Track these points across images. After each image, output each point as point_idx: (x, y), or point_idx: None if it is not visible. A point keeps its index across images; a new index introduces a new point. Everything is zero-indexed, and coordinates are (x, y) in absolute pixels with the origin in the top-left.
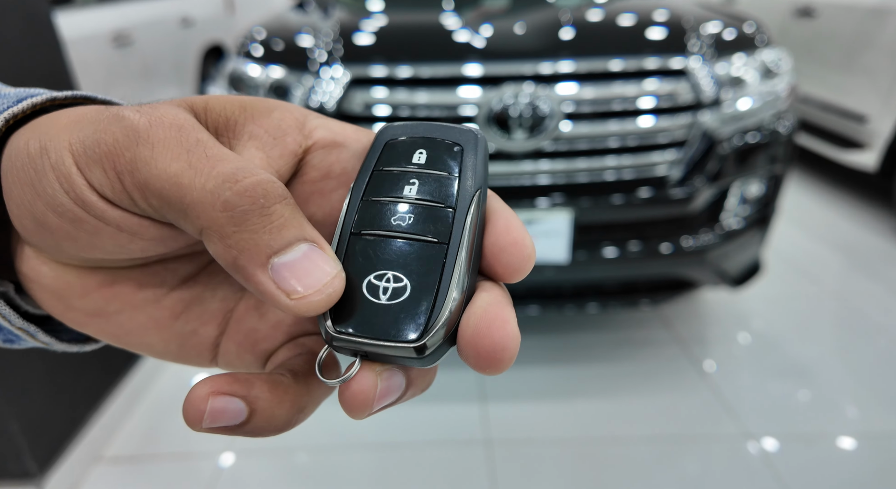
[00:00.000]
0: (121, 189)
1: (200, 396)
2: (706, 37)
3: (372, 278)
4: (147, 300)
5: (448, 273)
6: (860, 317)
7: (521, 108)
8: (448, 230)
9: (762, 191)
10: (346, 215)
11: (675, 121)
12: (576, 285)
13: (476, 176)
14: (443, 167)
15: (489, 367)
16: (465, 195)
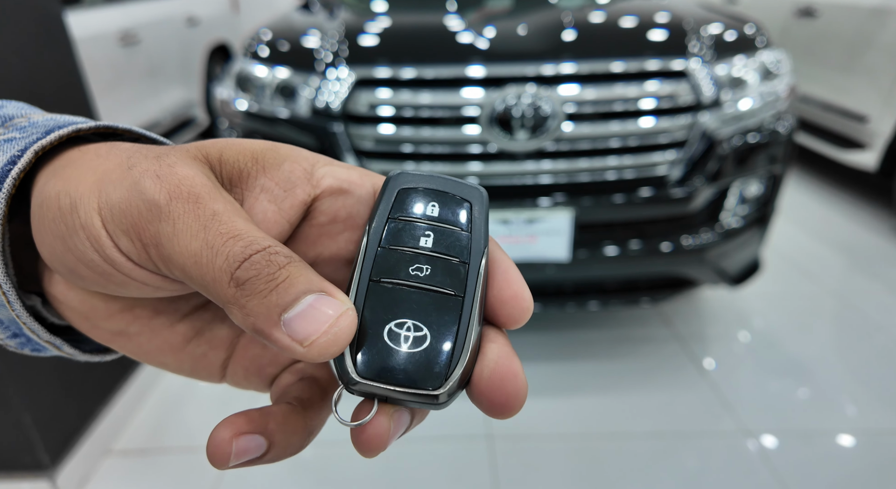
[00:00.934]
0: (146, 257)
1: (225, 439)
2: (706, 38)
3: (393, 326)
4: (163, 325)
5: (464, 325)
6: (859, 316)
7: (523, 109)
8: (463, 283)
9: (761, 190)
10: (363, 261)
11: (675, 121)
12: (577, 283)
13: (484, 232)
14: (455, 222)
15: (501, 414)
16: (477, 250)
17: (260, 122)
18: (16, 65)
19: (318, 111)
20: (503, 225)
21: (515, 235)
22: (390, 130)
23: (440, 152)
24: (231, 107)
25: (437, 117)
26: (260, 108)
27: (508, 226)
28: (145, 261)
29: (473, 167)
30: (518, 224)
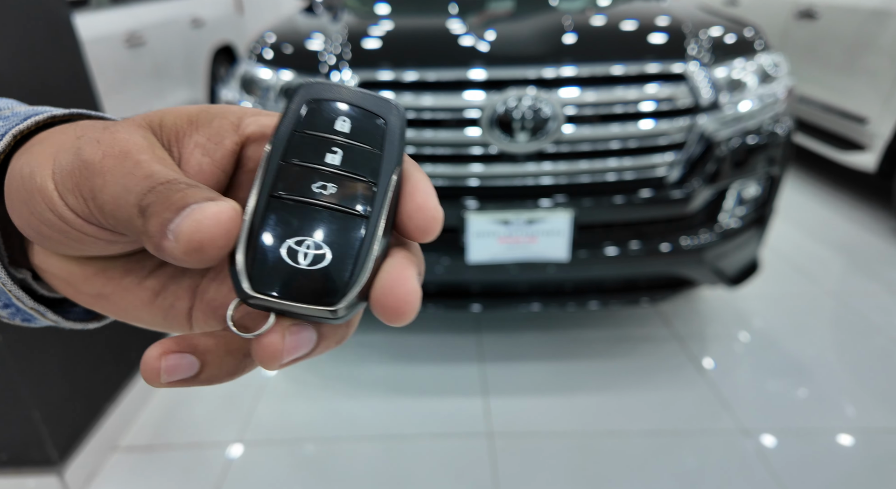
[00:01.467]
0: (89, 211)
1: (153, 356)
2: (705, 41)
3: (292, 243)
4: (132, 283)
5: (367, 242)
6: (858, 317)
7: (523, 112)
8: (370, 204)
9: (759, 192)
10: (264, 175)
11: (673, 124)
12: (577, 283)
13: (398, 151)
14: (367, 139)
15: (394, 320)
16: (388, 170)
17: None
18: (25, 66)
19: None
20: (504, 225)
21: (516, 236)
22: None
23: (441, 154)
24: None
25: (439, 119)
26: (264, 109)
27: (509, 226)
28: (89, 215)
29: (474, 169)
30: (518, 224)
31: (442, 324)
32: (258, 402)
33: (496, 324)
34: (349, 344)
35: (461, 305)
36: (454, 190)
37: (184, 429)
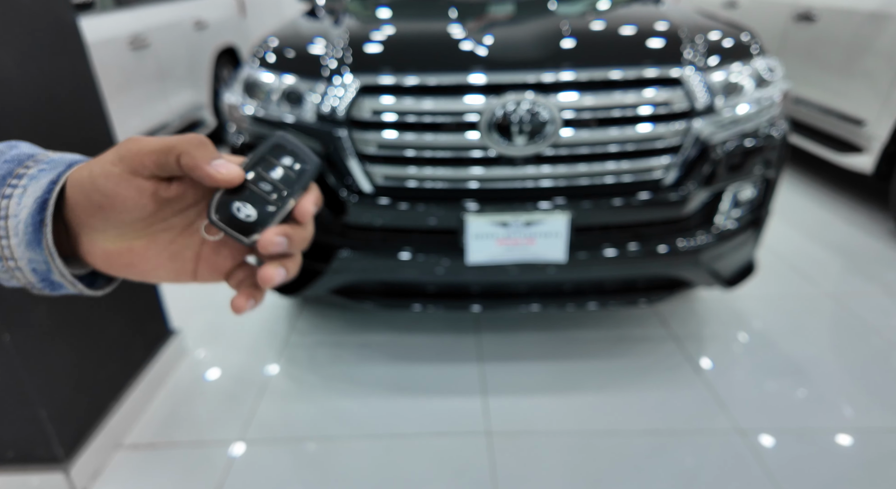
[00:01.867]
0: (138, 165)
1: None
2: (701, 46)
3: (240, 204)
4: (153, 252)
5: (276, 218)
6: (855, 318)
7: (521, 116)
8: (282, 201)
9: (755, 194)
10: (245, 166)
11: (669, 127)
12: (574, 284)
13: (308, 180)
14: (296, 171)
15: (265, 250)
16: (298, 188)
17: (267, 127)
18: (32, 71)
19: (323, 116)
20: (502, 227)
21: (514, 237)
22: (393, 136)
23: (441, 156)
24: (239, 112)
25: (438, 123)
26: (267, 113)
27: (507, 228)
28: (139, 167)
29: (474, 171)
30: (517, 226)
31: (442, 324)
32: (260, 401)
33: (495, 325)
34: (350, 344)
35: (461, 306)
36: (454, 192)
37: (187, 428)
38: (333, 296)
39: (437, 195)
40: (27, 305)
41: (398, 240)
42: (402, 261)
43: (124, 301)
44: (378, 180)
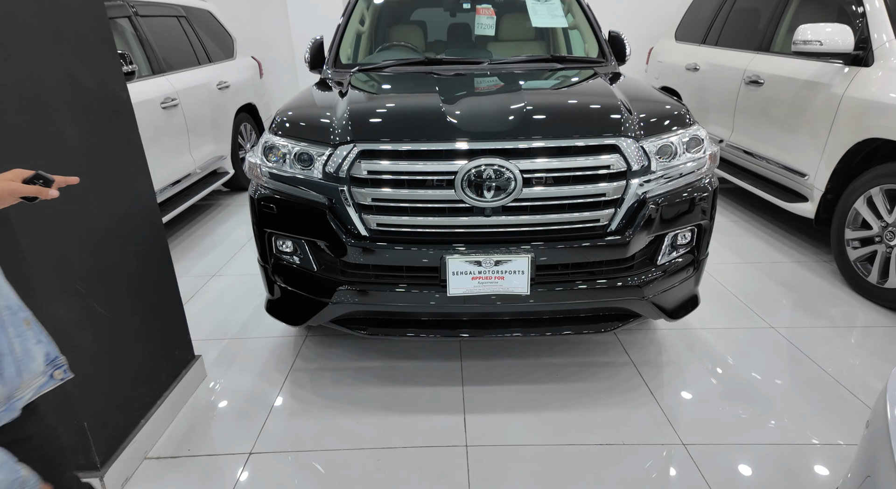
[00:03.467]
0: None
1: None
2: (639, 118)
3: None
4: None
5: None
6: (793, 347)
7: (489, 175)
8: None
9: (689, 239)
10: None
11: (611, 184)
12: (537, 313)
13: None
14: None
15: None
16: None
17: (282, 183)
18: (92, 141)
19: (327, 175)
20: (476, 265)
21: (486, 274)
22: (384, 191)
23: (424, 207)
24: (259, 170)
25: (422, 180)
26: (281, 171)
27: (481, 266)
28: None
29: (452, 220)
30: (488, 265)
31: (430, 353)
32: (267, 419)
33: (477, 353)
34: (348, 369)
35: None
36: (436, 236)
37: (203, 442)
38: (334, 325)
39: (421, 239)
40: (77, 332)
41: (390, 276)
42: (393, 294)
43: (155, 329)
44: (372, 226)
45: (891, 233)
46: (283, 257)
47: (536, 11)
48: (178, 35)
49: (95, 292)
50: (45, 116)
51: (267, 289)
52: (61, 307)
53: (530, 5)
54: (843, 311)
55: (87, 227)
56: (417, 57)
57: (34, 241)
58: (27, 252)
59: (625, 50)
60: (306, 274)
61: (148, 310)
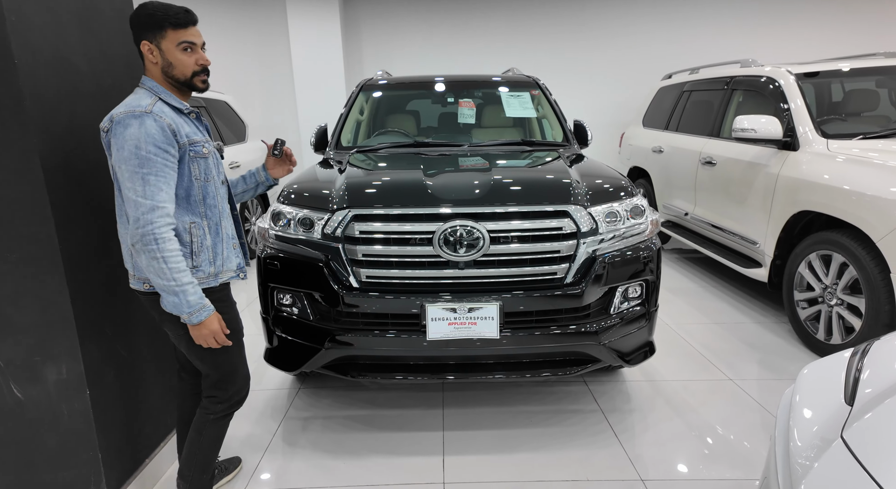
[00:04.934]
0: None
1: None
2: (587, 190)
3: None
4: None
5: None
6: (747, 397)
7: (461, 235)
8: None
9: (639, 292)
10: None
11: (564, 243)
12: (507, 357)
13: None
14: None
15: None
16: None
17: (286, 243)
18: None
19: (326, 235)
20: (452, 312)
21: (461, 320)
22: (374, 248)
23: (407, 261)
24: (267, 233)
25: (405, 239)
26: (286, 233)
27: (456, 313)
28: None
29: (430, 272)
30: (462, 312)
31: (414, 401)
32: (261, 461)
33: (458, 402)
34: (337, 417)
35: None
36: (416, 286)
37: None
38: (325, 370)
39: (405, 289)
40: (102, 370)
41: (377, 323)
42: (379, 339)
43: (166, 374)
44: (363, 278)
45: (830, 293)
46: (283, 309)
47: (510, 104)
48: None
49: (120, 336)
50: (103, 188)
51: (266, 340)
52: (93, 346)
53: (504, 99)
54: (797, 366)
55: (121, 279)
56: (408, 140)
57: (78, 288)
58: (73, 296)
59: (587, 135)
60: (303, 323)
61: (161, 357)
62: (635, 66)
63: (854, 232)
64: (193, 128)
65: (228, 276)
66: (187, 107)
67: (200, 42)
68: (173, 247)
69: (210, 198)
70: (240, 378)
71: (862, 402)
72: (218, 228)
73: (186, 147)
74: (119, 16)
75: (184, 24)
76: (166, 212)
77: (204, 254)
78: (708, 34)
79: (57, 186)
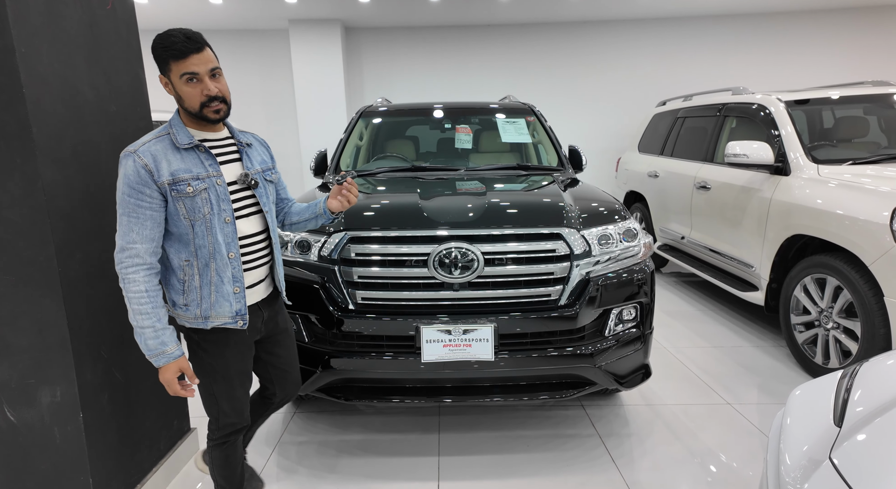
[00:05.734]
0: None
1: None
2: (579, 213)
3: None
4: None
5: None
6: (744, 421)
7: (456, 257)
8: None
9: (633, 315)
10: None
11: (557, 266)
12: (502, 380)
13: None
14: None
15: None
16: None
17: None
18: None
19: (322, 258)
20: (447, 334)
21: (456, 342)
22: (370, 270)
23: (401, 283)
24: None
25: (400, 261)
26: (283, 256)
27: (450, 335)
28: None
29: (425, 294)
30: (457, 334)
31: (409, 426)
32: None
33: (453, 426)
34: (332, 442)
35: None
36: (412, 308)
37: None
38: (320, 393)
39: (400, 310)
40: (97, 392)
41: (372, 345)
42: (373, 361)
43: (160, 398)
44: (358, 300)
45: (826, 317)
46: None
47: (506, 130)
48: None
49: (116, 358)
50: (102, 212)
51: None
52: (88, 368)
53: (500, 125)
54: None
55: (118, 301)
56: (406, 165)
57: (75, 310)
58: (69, 319)
59: (581, 160)
60: (298, 345)
61: (156, 380)
62: (630, 93)
63: (847, 256)
64: (194, 163)
65: (221, 322)
66: (191, 141)
67: (205, 70)
68: (137, 289)
69: (199, 238)
70: (218, 410)
71: (850, 423)
72: (206, 270)
73: (166, 187)
74: (126, 47)
75: (182, 54)
76: (135, 253)
77: (192, 295)
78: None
79: (58, 210)
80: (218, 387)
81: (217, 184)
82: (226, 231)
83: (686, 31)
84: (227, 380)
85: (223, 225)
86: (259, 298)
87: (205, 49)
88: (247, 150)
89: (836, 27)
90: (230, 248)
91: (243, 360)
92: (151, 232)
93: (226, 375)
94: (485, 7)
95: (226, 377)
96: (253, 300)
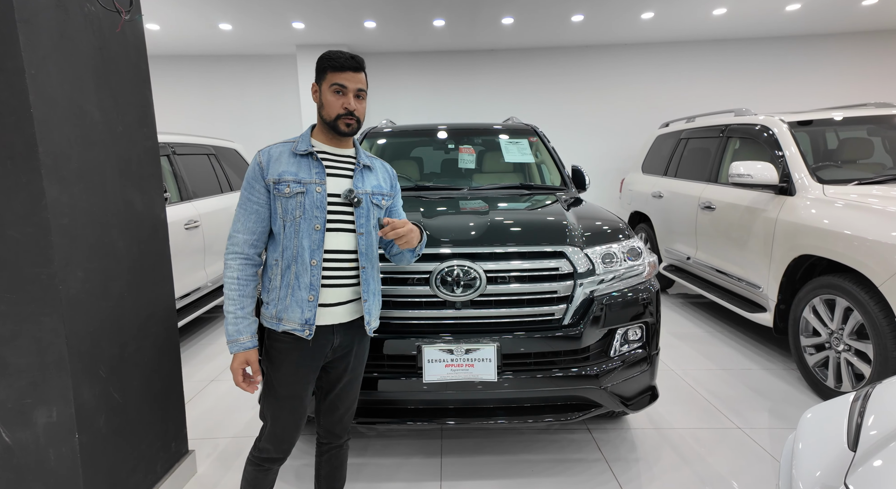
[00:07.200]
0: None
1: None
2: (582, 232)
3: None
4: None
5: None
6: (755, 445)
7: (458, 275)
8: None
9: (639, 335)
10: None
11: (561, 284)
12: (505, 401)
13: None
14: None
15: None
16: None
17: None
18: (134, 252)
19: None
20: (449, 354)
21: (458, 362)
22: None
23: (405, 301)
24: None
25: (403, 278)
26: None
27: (453, 354)
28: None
29: (427, 312)
30: (459, 353)
31: (411, 449)
32: None
33: (456, 449)
34: None
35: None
36: (414, 326)
37: None
38: None
39: (401, 329)
40: (95, 412)
41: (373, 366)
42: (377, 380)
43: (158, 420)
44: None
45: (836, 339)
46: None
47: (509, 150)
48: (206, 169)
49: (114, 379)
50: (105, 231)
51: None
52: (86, 388)
53: (503, 145)
54: None
55: (118, 320)
56: (410, 184)
57: (74, 329)
58: (68, 337)
59: (584, 180)
60: None
61: (155, 401)
62: (633, 115)
63: (856, 276)
64: (302, 168)
65: (291, 327)
66: (308, 149)
67: (353, 87)
68: (230, 275)
69: (287, 239)
70: (262, 430)
71: (865, 447)
72: (287, 272)
73: (271, 185)
74: (135, 69)
75: (341, 67)
76: (236, 241)
77: (273, 293)
78: (703, 86)
79: (61, 228)
80: (268, 403)
81: (316, 191)
82: (313, 238)
83: (688, 54)
84: (277, 398)
85: (312, 231)
86: (336, 321)
87: (361, 72)
88: (363, 171)
89: (837, 52)
90: (314, 255)
91: (298, 383)
92: (255, 225)
93: (277, 393)
94: (489, 32)
95: (276, 395)
96: (328, 321)
